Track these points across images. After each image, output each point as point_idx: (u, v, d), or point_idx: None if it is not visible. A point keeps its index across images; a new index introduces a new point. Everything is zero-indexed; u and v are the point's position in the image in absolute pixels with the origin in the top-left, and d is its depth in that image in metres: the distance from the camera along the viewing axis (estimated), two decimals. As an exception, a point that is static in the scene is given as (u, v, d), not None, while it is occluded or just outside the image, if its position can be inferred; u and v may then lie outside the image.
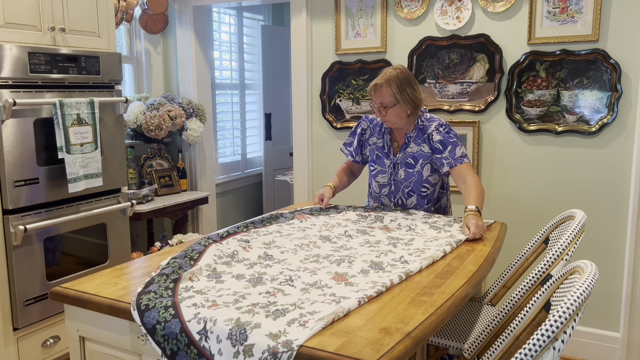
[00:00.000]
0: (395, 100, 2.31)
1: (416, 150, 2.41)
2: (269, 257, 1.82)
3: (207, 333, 1.30)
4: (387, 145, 2.48)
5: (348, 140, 2.66)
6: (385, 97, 2.32)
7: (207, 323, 1.32)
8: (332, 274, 1.65)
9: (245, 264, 1.76)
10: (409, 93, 2.32)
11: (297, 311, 1.37)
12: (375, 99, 2.36)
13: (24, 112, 2.55)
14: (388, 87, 2.30)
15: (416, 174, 2.42)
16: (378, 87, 2.33)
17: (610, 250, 2.88)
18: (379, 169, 2.52)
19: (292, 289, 1.53)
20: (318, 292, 1.50)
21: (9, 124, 2.48)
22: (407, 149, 2.42)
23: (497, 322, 1.75)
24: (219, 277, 1.64)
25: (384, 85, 2.31)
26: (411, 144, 2.42)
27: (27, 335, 2.66)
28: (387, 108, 2.33)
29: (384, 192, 2.53)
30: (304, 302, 1.43)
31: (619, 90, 2.73)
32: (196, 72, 4.08)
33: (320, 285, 1.55)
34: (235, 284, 1.58)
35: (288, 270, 1.69)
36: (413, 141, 2.41)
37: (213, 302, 1.43)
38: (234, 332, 1.27)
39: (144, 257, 1.91)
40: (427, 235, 2.09)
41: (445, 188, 2.53)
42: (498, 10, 2.97)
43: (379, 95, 2.33)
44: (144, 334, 1.45)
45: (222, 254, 1.81)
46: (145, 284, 1.56)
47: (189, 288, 1.54)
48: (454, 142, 2.33)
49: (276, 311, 1.36)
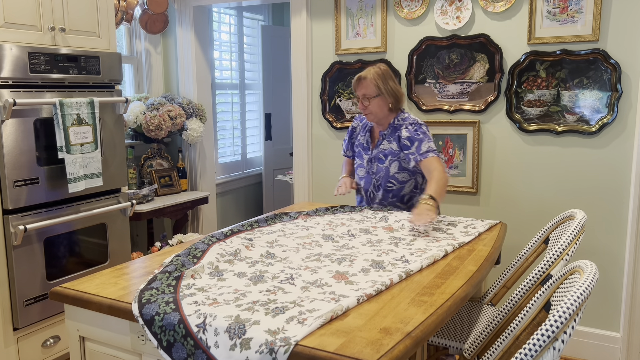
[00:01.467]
0: (378, 91, 2.47)
1: (387, 147, 2.54)
2: (271, 255, 1.83)
3: (206, 326, 1.31)
4: (367, 141, 2.65)
5: (345, 138, 2.83)
6: (369, 88, 2.47)
7: (207, 318, 1.33)
8: (332, 272, 1.65)
9: (247, 262, 1.76)
10: (392, 85, 2.49)
11: (296, 309, 1.37)
12: (358, 91, 2.51)
13: (24, 112, 2.54)
14: (372, 78, 2.47)
15: (384, 169, 2.54)
16: (362, 78, 2.48)
17: (610, 250, 2.88)
18: (359, 162, 2.68)
19: (293, 287, 1.53)
20: (318, 291, 1.50)
21: (9, 124, 2.48)
22: (380, 146, 2.57)
23: (497, 322, 1.75)
24: (220, 274, 1.65)
25: (367, 77, 2.47)
26: (384, 141, 2.55)
27: (27, 335, 2.66)
28: (370, 99, 2.47)
29: (362, 184, 2.68)
30: (304, 300, 1.43)
31: (619, 90, 2.73)
32: (196, 72, 4.08)
33: (321, 283, 1.56)
34: (237, 282, 1.58)
35: (289, 268, 1.69)
36: (386, 138, 2.55)
37: (214, 300, 1.44)
38: (232, 327, 1.28)
39: (144, 257, 1.91)
40: (429, 235, 2.09)
41: (419, 189, 2.58)
42: (498, 10, 2.97)
43: (363, 87, 2.48)
44: (142, 335, 1.45)
45: (224, 252, 1.81)
46: (147, 281, 1.57)
47: (190, 285, 1.55)
48: (420, 138, 2.44)
49: (275, 309, 1.37)
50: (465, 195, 3.18)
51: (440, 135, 3.20)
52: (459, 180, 3.18)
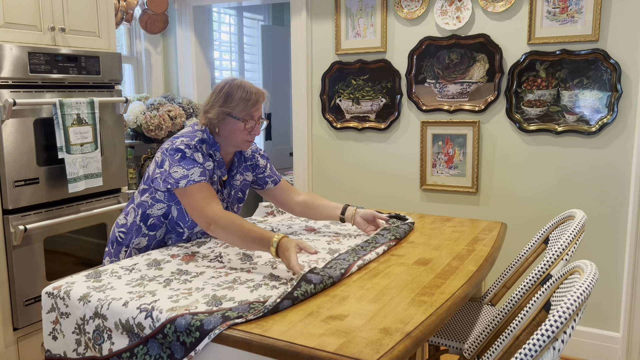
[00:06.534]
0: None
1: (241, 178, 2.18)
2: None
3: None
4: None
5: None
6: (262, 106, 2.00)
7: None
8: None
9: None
10: None
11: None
12: (258, 112, 1.96)
13: (24, 112, 2.55)
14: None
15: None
16: (262, 95, 1.97)
17: (610, 250, 2.88)
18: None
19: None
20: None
21: (9, 124, 2.48)
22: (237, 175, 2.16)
23: (497, 322, 1.75)
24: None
25: (265, 93, 2.00)
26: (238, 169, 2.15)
27: (27, 335, 2.66)
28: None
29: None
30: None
31: (619, 90, 2.73)
32: (196, 72, 4.09)
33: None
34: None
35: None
36: (240, 166, 2.15)
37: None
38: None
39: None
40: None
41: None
42: (498, 10, 2.97)
43: (261, 106, 1.98)
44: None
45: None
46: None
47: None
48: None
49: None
50: (465, 195, 3.19)
51: (440, 135, 3.20)
52: (458, 180, 3.18)
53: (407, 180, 3.35)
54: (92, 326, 1.47)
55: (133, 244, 1.98)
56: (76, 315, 1.51)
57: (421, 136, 3.25)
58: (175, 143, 1.86)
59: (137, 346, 1.38)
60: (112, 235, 2.05)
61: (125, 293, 1.51)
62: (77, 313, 1.51)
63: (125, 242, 1.99)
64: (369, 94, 3.40)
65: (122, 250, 1.99)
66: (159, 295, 1.48)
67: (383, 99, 3.36)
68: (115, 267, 1.73)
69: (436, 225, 2.30)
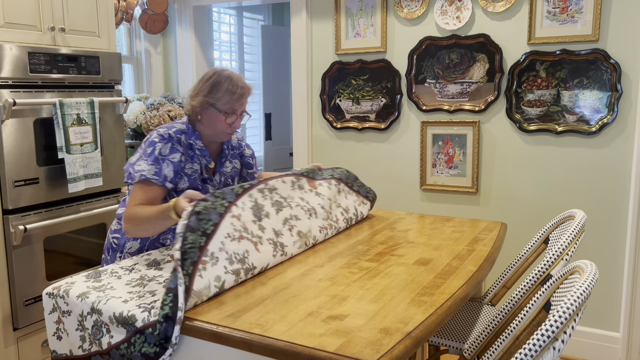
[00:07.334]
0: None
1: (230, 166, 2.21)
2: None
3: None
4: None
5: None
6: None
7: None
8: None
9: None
10: None
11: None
12: (242, 107, 1.97)
13: (23, 112, 2.55)
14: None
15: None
16: (248, 89, 1.96)
17: (610, 250, 2.88)
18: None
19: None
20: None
21: (9, 124, 2.48)
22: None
23: (497, 322, 1.75)
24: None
25: (250, 87, 2.00)
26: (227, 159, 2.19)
27: (27, 335, 2.66)
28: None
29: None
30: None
31: (619, 90, 2.73)
32: (196, 72, 4.08)
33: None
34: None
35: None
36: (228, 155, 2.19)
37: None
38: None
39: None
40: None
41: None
42: (498, 10, 2.97)
43: (246, 100, 1.98)
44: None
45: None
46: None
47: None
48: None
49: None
50: (465, 195, 3.19)
51: (440, 135, 3.20)
52: (458, 180, 3.18)
53: (407, 180, 3.35)
54: (90, 322, 1.48)
55: (126, 249, 1.98)
56: (76, 312, 1.52)
57: (421, 136, 3.25)
58: (152, 135, 1.88)
59: (134, 335, 1.40)
60: (107, 242, 2.05)
61: (125, 293, 1.51)
62: (76, 310, 1.51)
63: (119, 247, 1.99)
64: (369, 94, 3.40)
65: (117, 257, 2.00)
66: (159, 296, 1.48)
67: (383, 99, 3.36)
68: (115, 267, 1.73)
69: (436, 225, 2.30)
